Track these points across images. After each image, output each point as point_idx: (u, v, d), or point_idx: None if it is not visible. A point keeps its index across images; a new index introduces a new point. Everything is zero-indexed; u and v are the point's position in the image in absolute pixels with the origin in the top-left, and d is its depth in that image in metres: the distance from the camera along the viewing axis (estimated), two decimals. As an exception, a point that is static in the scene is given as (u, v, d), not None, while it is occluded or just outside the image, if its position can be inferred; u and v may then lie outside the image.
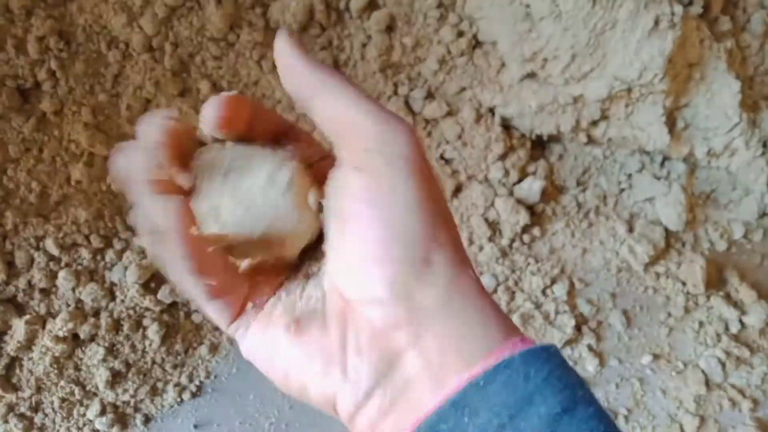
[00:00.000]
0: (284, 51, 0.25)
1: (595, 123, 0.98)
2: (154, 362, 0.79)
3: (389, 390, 0.23)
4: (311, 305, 0.25)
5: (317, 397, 0.24)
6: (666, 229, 1.03)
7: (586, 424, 0.21)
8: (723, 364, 0.94)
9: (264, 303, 0.27)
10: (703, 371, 0.93)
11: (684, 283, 1.00)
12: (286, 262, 0.27)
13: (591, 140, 1.02)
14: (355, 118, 0.24)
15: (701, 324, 0.98)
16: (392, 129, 0.24)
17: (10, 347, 0.74)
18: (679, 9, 0.81)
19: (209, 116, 0.26)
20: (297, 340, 0.25)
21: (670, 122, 0.98)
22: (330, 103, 0.25)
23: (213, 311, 0.26)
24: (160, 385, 0.79)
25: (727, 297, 1.01)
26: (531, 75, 0.92)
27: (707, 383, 0.92)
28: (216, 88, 0.86)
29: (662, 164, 1.06)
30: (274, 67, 0.88)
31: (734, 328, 0.98)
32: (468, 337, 0.23)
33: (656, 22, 0.80)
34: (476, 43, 0.95)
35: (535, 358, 0.23)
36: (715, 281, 1.03)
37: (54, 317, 0.75)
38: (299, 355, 0.24)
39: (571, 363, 0.89)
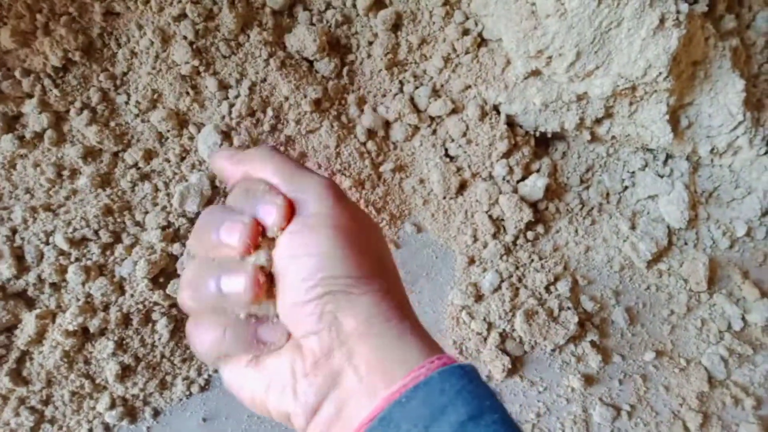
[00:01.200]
0: (215, 159, 0.34)
1: (599, 121, 0.98)
2: (163, 356, 0.80)
3: (331, 406, 0.28)
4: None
5: (276, 414, 0.30)
6: (669, 227, 1.04)
7: (490, 428, 0.25)
8: (726, 362, 0.94)
9: None
10: (706, 368, 0.93)
11: (686, 281, 1.01)
12: None
13: (595, 138, 1.02)
14: (284, 185, 0.31)
15: (704, 321, 0.98)
16: (304, 191, 0.30)
17: (21, 341, 0.75)
18: (684, 7, 0.81)
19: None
20: (257, 372, 0.30)
21: (674, 120, 0.99)
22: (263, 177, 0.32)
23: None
24: (169, 378, 0.80)
25: (730, 295, 1.01)
26: (536, 73, 0.93)
27: (710, 380, 0.92)
28: (222, 86, 0.87)
29: (665, 162, 1.07)
30: (281, 65, 0.89)
31: (737, 326, 0.98)
32: (390, 358, 0.28)
33: (662, 21, 0.80)
34: (481, 41, 0.96)
35: (451, 375, 0.27)
36: (718, 279, 1.03)
37: (64, 311, 0.76)
38: (260, 383, 0.30)
39: (573, 359, 0.90)
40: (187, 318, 0.33)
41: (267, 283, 0.30)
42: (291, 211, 0.29)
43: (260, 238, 0.30)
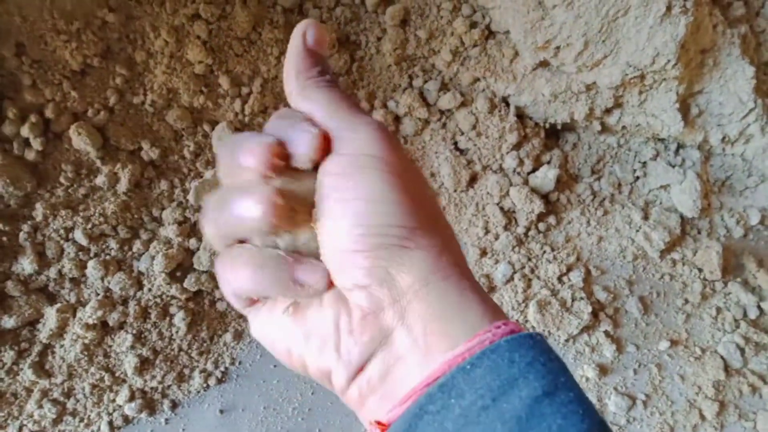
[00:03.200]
0: (296, 44, 0.28)
1: (608, 111, 0.98)
2: (180, 349, 0.81)
3: (378, 367, 0.26)
4: None
5: (315, 371, 0.27)
6: (681, 216, 1.03)
7: (566, 407, 0.23)
8: (742, 350, 0.94)
9: None
10: (722, 357, 0.93)
11: (701, 270, 1.00)
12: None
13: (605, 128, 1.02)
14: (329, 124, 0.27)
15: (719, 310, 0.98)
16: (362, 131, 0.27)
17: (43, 335, 0.77)
18: (691, -5, 0.82)
19: (306, 150, 0.28)
20: (296, 322, 0.27)
21: (684, 109, 0.98)
22: (310, 108, 0.28)
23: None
24: (186, 371, 0.81)
25: (745, 283, 1.01)
26: (544, 64, 0.93)
27: (726, 369, 0.92)
28: (235, 84, 0.88)
29: (677, 152, 1.07)
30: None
31: (752, 314, 0.97)
32: (450, 318, 0.25)
33: (669, 8, 0.81)
34: (489, 34, 0.96)
35: (521, 345, 0.24)
36: (732, 267, 1.03)
37: (84, 306, 0.78)
38: (298, 335, 0.27)
39: (587, 349, 0.90)
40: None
41: (290, 209, 0.26)
42: (327, 144, 0.27)
43: (285, 165, 0.26)
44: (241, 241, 0.28)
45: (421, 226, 0.26)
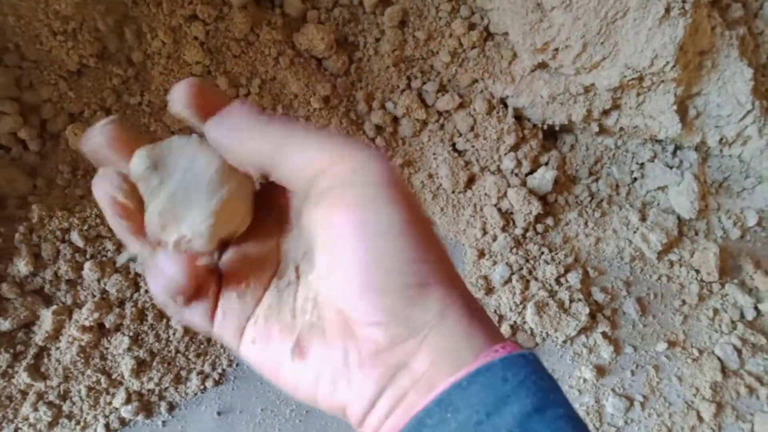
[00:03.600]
0: (237, 114, 0.26)
1: (606, 112, 0.98)
2: (177, 351, 0.81)
3: (391, 397, 0.25)
4: (308, 320, 0.27)
5: (327, 406, 0.27)
6: (679, 218, 1.03)
7: (555, 423, 0.24)
8: (739, 351, 0.94)
9: (239, 309, 0.28)
10: (719, 358, 0.93)
11: (698, 271, 1.01)
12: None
13: (603, 130, 1.02)
14: (323, 160, 0.25)
15: (716, 311, 0.98)
16: (363, 159, 0.25)
17: (39, 337, 0.76)
18: (689, -4, 0.82)
19: (177, 97, 0.27)
20: (304, 364, 0.26)
21: (682, 111, 0.99)
22: (297, 153, 0.26)
23: (192, 316, 0.28)
24: (183, 373, 0.81)
25: (742, 284, 1.01)
26: (542, 65, 0.93)
27: (723, 370, 0.92)
28: (233, 84, 0.88)
29: (674, 153, 1.07)
30: (290, 63, 0.90)
31: (749, 316, 0.98)
32: (458, 347, 0.25)
33: (667, 10, 0.81)
34: (487, 35, 0.96)
35: (514, 363, 0.25)
36: (729, 269, 1.03)
37: (80, 308, 0.77)
38: (306, 372, 0.26)
39: (585, 350, 0.90)
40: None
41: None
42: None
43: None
44: None
45: (435, 258, 0.26)
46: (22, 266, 0.75)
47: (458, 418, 0.24)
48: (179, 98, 0.26)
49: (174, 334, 0.81)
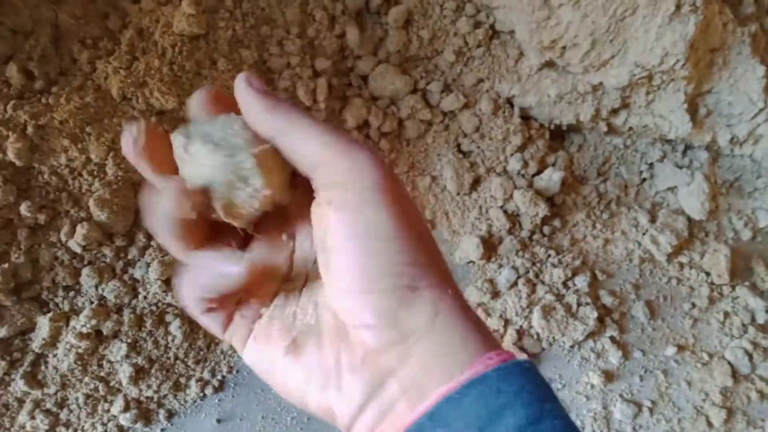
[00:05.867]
0: (244, 93, 0.26)
1: (615, 111, 0.96)
2: (176, 358, 0.80)
3: (380, 403, 0.25)
4: (306, 321, 0.28)
5: (316, 408, 0.27)
6: (689, 219, 1.01)
7: None
8: (750, 356, 0.92)
9: (254, 314, 0.29)
10: (729, 363, 0.91)
11: (708, 273, 0.99)
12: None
13: (611, 129, 1.00)
14: (322, 154, 0.25)
15: (726, 315, 0.96)
16: (360, 160, 0.25)
17: (35, 344, 0.75)
18: (701, -8, 0.79)
19: (197, 101, 0.28)
20: (297, 362, 0.27)
21: (692, 109, 0.96)
22: (295, 142, 0.26)
23: (206, 322, 0.29)
24: (182, 380, 0.80)
25: (753, 287, 0.99)
26: (549, 64, 0.91)
27: (734, 375, 0.90)
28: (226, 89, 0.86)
29: (684, 153, 1.04)
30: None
31: (761, 319, 0.96)
32: (450, 353, 0.25)
33: (678, 7, 0.78)
34: (493, 34, 0.94)
35: (509, 374, 0.24)
36: (740, 271, 1.01)
37: (78, 314, 0.76)
38: (298, 372, 0.27)
39: (592, 355, 0.88)
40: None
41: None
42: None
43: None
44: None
45: (429, 263, 0.26)
46: (20, 273, 0.74)
47: None
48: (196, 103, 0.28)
49: (173, 340, 0.79)
